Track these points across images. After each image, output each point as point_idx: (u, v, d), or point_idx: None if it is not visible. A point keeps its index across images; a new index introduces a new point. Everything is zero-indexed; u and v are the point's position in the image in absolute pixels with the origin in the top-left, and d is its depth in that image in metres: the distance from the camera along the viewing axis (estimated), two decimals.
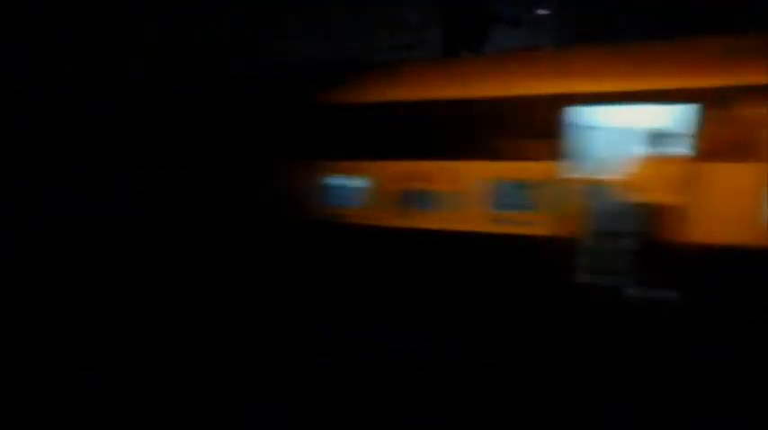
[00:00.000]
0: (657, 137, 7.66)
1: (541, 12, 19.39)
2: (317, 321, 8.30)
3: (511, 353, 7.41)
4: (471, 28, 17.03)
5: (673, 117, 6.94)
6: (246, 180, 9.10)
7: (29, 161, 11.30)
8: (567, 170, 7.18)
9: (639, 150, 7.79)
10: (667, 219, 6.74)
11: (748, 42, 6.76)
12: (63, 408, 6.99)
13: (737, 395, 6.36)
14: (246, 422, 6.93)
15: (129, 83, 12.03)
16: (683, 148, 6.76)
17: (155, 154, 9.96)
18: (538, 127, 7.27)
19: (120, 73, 16.78)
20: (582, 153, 7.39)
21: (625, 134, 7.92)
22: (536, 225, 7.18)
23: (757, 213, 6.24)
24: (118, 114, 10.44)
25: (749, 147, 6.35)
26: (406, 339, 7.85)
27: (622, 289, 7.17)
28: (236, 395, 7.32)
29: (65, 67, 16.64)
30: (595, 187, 7.54)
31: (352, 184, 8.28)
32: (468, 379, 7.41)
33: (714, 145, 6.50)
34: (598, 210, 7.48)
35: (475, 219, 7.45)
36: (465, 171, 7.56)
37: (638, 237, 7.30)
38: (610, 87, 7.11)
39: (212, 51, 16.96)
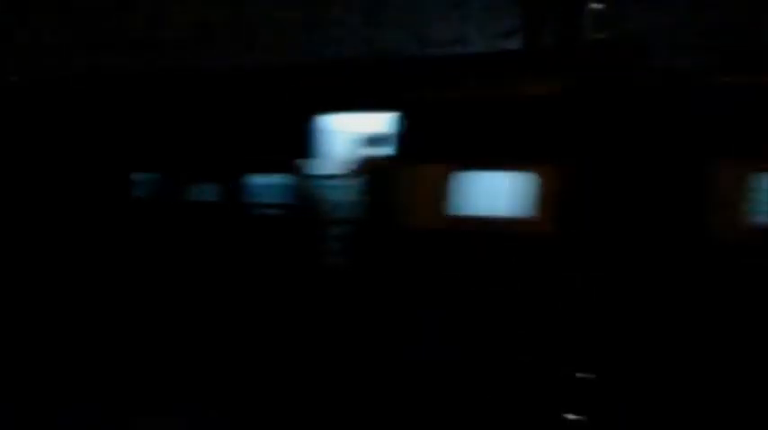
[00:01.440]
0: (380, 140, 8.67)
1: (595, 6, 20.52)
2: None
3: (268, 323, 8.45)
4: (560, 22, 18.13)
5: (389, 123, 8.04)
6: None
7: None
8: (309, 167, 8.48)
9: (368, 151, 9.00)
10: (382, 209, 8.16)
11: (443, 62, 7.99)
12: None
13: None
14: None
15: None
16: (395, 150, 7.96)
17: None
18: (287, 131, 8.58)
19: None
20: (323, 153, 8.68)
21: (357, 137, 9.09)
22: (285, 213, 8.62)
23: (441, 205, 7.47)
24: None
25: (436, 151, 7.62)
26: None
27: (348, 267, 8.57)
28: None
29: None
30: (331, 182, 8.96)
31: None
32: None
33: (413, 148, 7.80)
34: (330, 202, 8.90)
35: (236, 208, 8.87)
36: (233, 168, 8.86)
37: (359, 224, 8.73)
38: (342, 97, 8.34)
39: None
